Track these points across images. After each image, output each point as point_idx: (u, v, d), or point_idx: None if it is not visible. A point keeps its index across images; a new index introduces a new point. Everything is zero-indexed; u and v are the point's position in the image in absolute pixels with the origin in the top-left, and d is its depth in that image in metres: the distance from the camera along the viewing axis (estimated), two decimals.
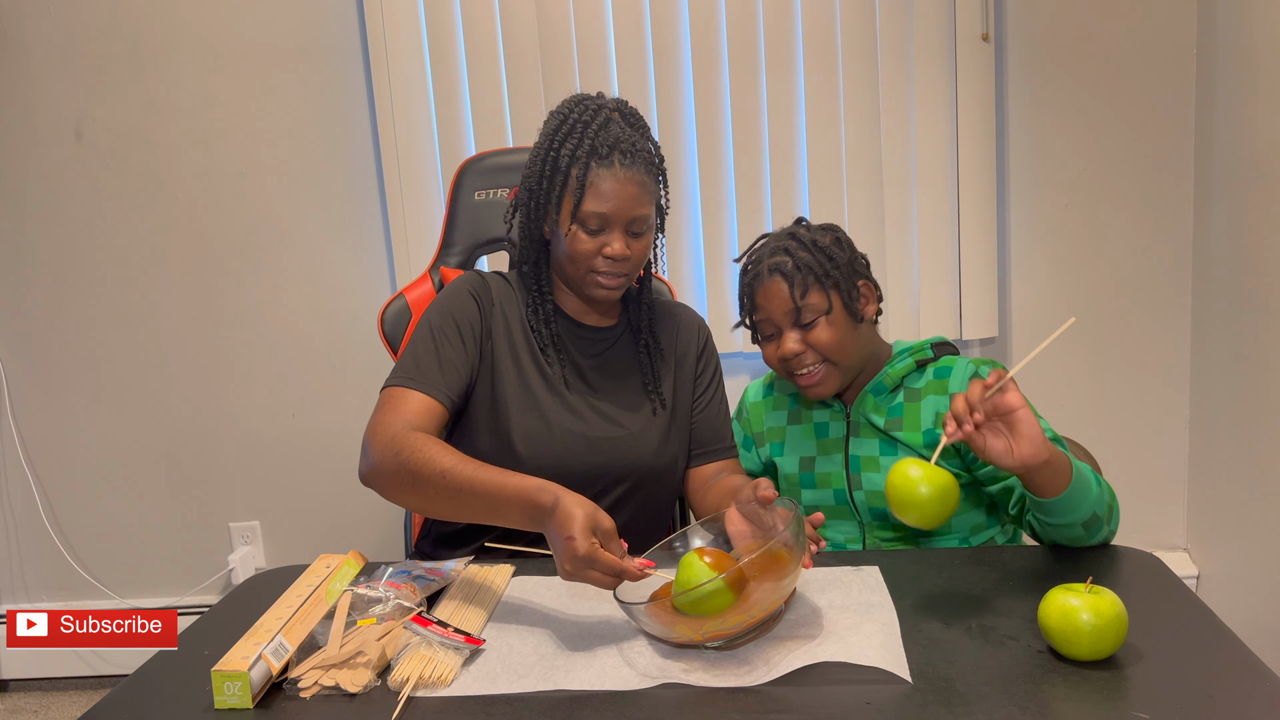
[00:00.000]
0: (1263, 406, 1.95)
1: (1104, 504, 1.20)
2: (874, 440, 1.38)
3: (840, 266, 1.35)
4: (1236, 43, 2.01)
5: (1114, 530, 1.24)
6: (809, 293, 1.32)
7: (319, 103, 2.33)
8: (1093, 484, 1.18)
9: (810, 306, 1.32)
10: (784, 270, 1.33)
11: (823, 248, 1.35)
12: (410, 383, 1.28)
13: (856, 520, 1.40)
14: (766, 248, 1.38)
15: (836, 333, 1.33)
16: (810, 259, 1.33)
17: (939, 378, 1.37)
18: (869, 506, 1.37)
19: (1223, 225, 2.10)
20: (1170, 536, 2.36)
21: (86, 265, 2.43)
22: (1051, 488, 1.14)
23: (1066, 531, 1.20)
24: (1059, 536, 1.22)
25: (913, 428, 1.35)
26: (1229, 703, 0.87)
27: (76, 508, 2.55)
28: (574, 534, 0.98)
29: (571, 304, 1.43)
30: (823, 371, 1.35)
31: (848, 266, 1.36)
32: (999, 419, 1.10)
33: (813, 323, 1.33)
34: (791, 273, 1.32)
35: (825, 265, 1.33)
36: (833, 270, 1.34)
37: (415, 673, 0.95)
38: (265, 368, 2.46)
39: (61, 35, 2.33)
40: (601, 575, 0.99)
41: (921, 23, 2.19)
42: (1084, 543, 1.22)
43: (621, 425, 1.38)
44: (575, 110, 1.33)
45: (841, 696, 0.89)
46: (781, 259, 1.34)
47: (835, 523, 1.41)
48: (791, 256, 1.34)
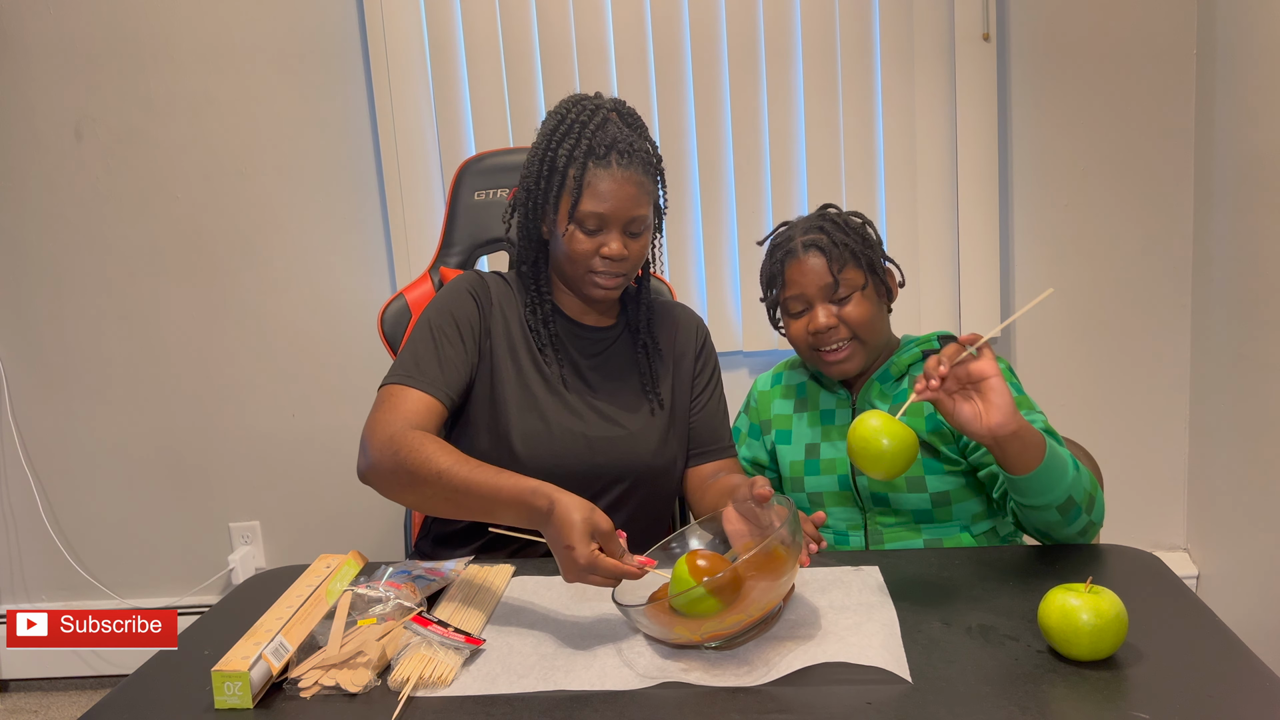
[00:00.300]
0: (1263, 407, 1.95)
1: (1082, 490, 1.18)
2: None
3: (871, 246, 1.40)
4: (1236, 43, 2.01)
5: (1096, 523, 1.22)
6: (846, 268, 1.36)
7: (319, 103, 2.33)
8: (1069, 468, 1.16)
9: (847, 281, 1.35)
10: (820, 245, 1.36)
11: (855, 228, 1.40)
12: (409, 380, 1.28)
13: (858, 506, 1.41)
14: (798, 227, 1.41)
15: (869, 310, 1.36)
16: (846, 238, 1.37)
17: None
18: (871, 492, 1.39)
19: (1223, 225, 2.09)
20: (1170, 536, 2.36)
21: (86, 265, 2.43)
22: (1022, 462, 1.13)
23: (1042, 515, 1.19)
24: (1036, 521, 1.21)
25: (915, 413, 1.37)
26: (1229, 703, 0.87)
27: (76, 508, 2.55)
28: (573, 543, 0.98)
29: (570, 304, 1.43)
30: (850, 348, 1.37)
31: (876, 248, 1.41)
32: (971, 386, 1.10)
33: (847, 298, 1.36)
34: (829, 248, 1.36)
35: (860, 244, 1.38)
36: (866, 250, 1.38)
37: (415, 673, 0.95)
38: (265, 368, 2.46)
39: (61, 35, 2.33)
40: (603, 579, 1.01)
41: (922, 23, 2.19)
42: (1062, 531, 1.20)
43: (620, 425, 1.38)
44: (573, 110, 1.33)
45: (842, 696, 0.89)
46: (817, 235, 1.37)
47: (837, 509, 1.42)
48: (827, 234, 1.37)
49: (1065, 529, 1.20)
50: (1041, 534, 1.25)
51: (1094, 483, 1.21)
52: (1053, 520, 1.19)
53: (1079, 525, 1.20)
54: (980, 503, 1.38)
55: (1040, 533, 1.24)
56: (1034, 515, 1.20)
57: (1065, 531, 1.21)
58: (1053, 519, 1.19)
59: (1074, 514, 1.18)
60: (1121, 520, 2.17)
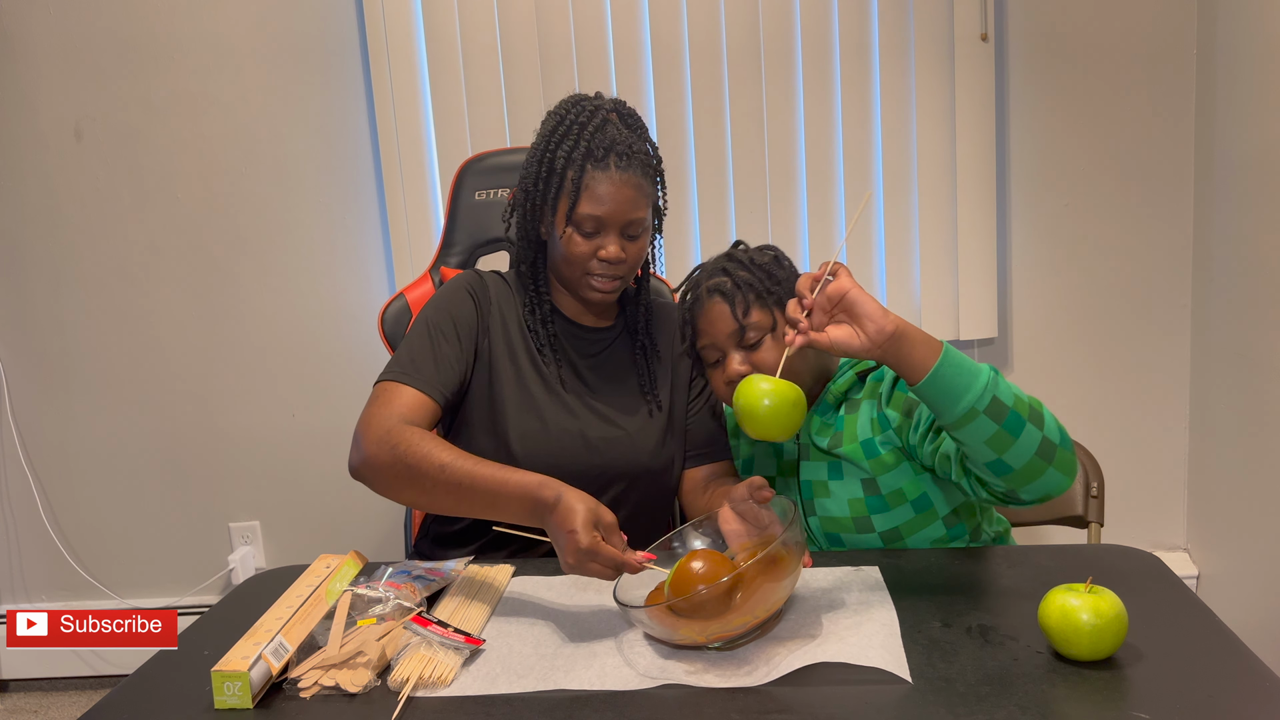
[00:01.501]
0: (1263, 406, 1.95)
1: (1009, 394, 1.05)
2: (822, 463, 1.34)
3: (782, 283, 1.31)
4: (1236, 43, 2.01)
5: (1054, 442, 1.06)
6: (751, 310, 1.28)
7: (319, 103, 2.33)
8: (983, 370, 1.05)
9: (754, 325, 1.28)
10: (724, 290, 1.29)
11: (762, 265, 1.32)
12: (404, 378, 1.28)
13: (815, 545, 1.37)
14: (704, 272, 1.34)
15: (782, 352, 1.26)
16: (750, 277, 1.30)
17: (875, 380, 1.33)
18: (824, 532, 1.35)
19: (1223, 225, 2.10)
20: (1170, 536, 2.36)
21: (86, 265, 2.43)
22: (921, 362, 1.04)
23: (979, 431, 1.04)
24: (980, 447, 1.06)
25: (851, 440, 1.30)
26: (1229, 703, 0.87)
27: (76, 508, 2.55)
28: (576, 528, 1.00)
29: (569, 304, 1.43)
30: None
31: (788, 283, 1.31)
32: (839, 310, 1.04)
33: (758, 342, 1.29)
34: (731, 292, 1.28)
35: (766, 283, 1.30)
36: (774, 287, 1.30)
37: (415, 673, 0.95)
38: (265, 368, 2.45)
39: (61, 35, 2.33)
40: (602, 568, 1.02)
41: (920, 23, 2.19)
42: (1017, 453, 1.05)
43: (618, 425, 1.38)
44: (572, 111, 1.32)
45: (842, 697, 0.89)
46: (720, 279, 1.30)
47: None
48: (730, 276, 1.30)
49: (1016, 447, 1.04)
50: (998, 468, 1.07)
51: (1028, 398, 1.07)
52: (994, 437, 1.04)
53: (1031, 441, 1.05)
54: (939, 527, 1.31)
55: (996, 466, 1.07)
56: (973, 439, 1.05)
57: (1019, 453, 1.05)
58: (990, 431, 1.03)
59: (1014, 422, 1.04)
60: (1121, 520, 2.17)
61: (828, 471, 1.33)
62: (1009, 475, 1.07)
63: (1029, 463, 1.06)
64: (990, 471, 1.09)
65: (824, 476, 1.33)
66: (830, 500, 1.32)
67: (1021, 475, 1.07)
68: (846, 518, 1.31)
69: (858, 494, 1.30)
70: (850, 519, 1.31)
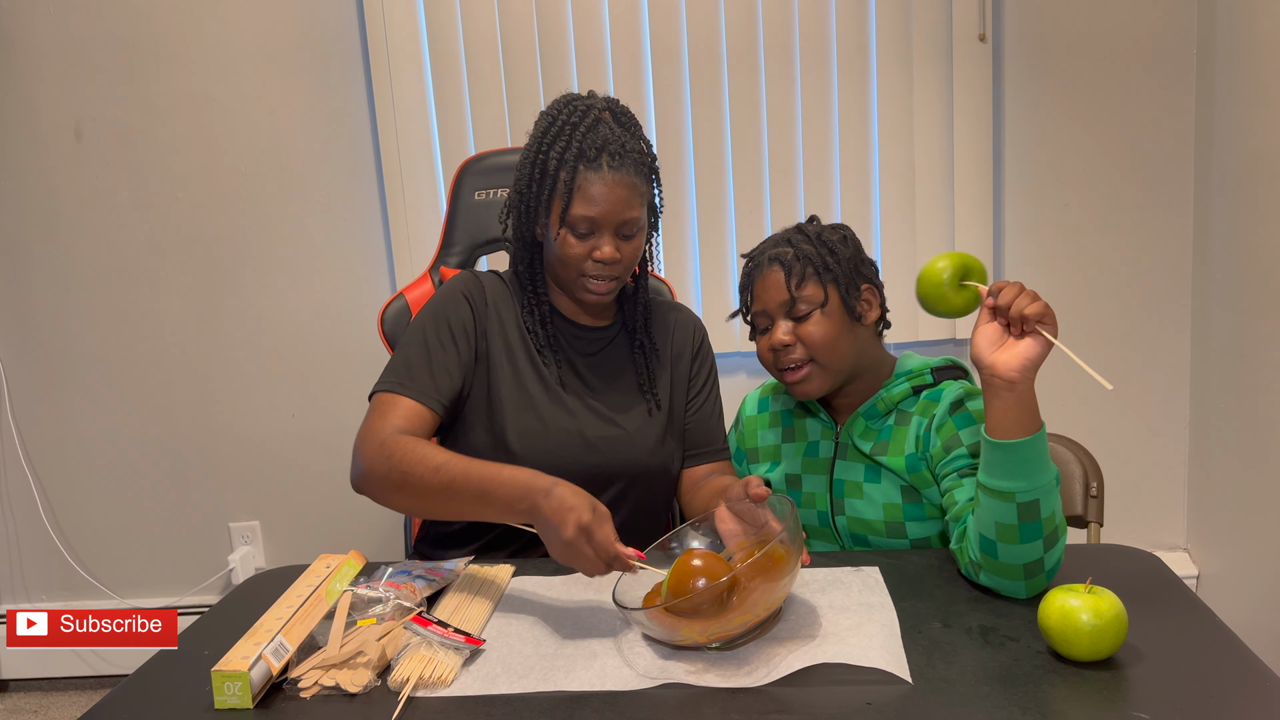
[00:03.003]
0: (1263, 406, 1.95)
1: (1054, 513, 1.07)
2: (859, 465, 1.34)
3: (842, 262, 1.31)
4: (1236, 43, 2.01)
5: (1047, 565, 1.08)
6: (805, 283, 1.29)
7: (319, 103, 2.33)
8: (1053, 478, 1.08)
9: (805, 298, 1.29)
10: (783, 260, 1.30)
11: (826, 241, 1.33)
12: (400, 388, 1.28)
13: (838, 544, 1.37)
14: (771, 240, 1.37)
15: (830, 330, 1.29)
16: (812, 251, 1.31)
17: (930, 399, 1.33)
18: (850, 532, 1.35)
19: (1223, 225, 2.09)
20: (1170, 536, 2.36)
21: (86, 265, 2.43)
22: (1007, 424, 1.07)
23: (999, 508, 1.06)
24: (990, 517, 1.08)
25: (896, 452, 1.30)
26: (1229, 703, 0.87)
27: (76, 508, 2.55)
28: (576, 505, 1.02)
29: (566, 304, 1.43)
30: (808, 370, 1.30)
31: (850, 264, 1.32)
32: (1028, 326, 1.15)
33: (806, 315, 1.29)
34: (790, 262, 1.30)
35: (826, 259, 1.30)
36: (833, 264, 1.30)
37: (415, 673, 0.95)
38: (265, 368, 2.46)
39: (62, 35, 2.33)
40: (594, 556, 1.01)
41: (919, 23, 2.19)
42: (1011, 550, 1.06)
43: (617, 425, 1.38)
44: (564, 111, 1.31)
45: (842, 697, 0.89)
46: (783, 249, 1.32)
47: (816, 543, 1.40)
48: (794, 247, 1.31)
49: (1015, 546, 1.06)
50: (987, 548, 1.09)
51: (1064, 530, 1.11)
52: (1008, 522, 1.06)
53: (1029, 554, 1.06)
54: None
55: (986, 544, 1.09)
56: (991, 507, 1.07)
57: (1013, 552, 1.06)
58: (1009, 520, 1.06)
59: (1033, 530, 1.06)
60: (1121, 520, 2.17)
61: (864, 474, 1.33)
62: (989, 557, 1.09)
63: (1011, 565, 1.08)
64: (977, 540, 1.11)
65: (860, 478, 1.33)
66: (863, 502, 1.32)
67: (997, 566, 1.09)
68: (879, 521, 1.31)
69: (895, 499, 1.30)
70: (883, 523, 1.31)
